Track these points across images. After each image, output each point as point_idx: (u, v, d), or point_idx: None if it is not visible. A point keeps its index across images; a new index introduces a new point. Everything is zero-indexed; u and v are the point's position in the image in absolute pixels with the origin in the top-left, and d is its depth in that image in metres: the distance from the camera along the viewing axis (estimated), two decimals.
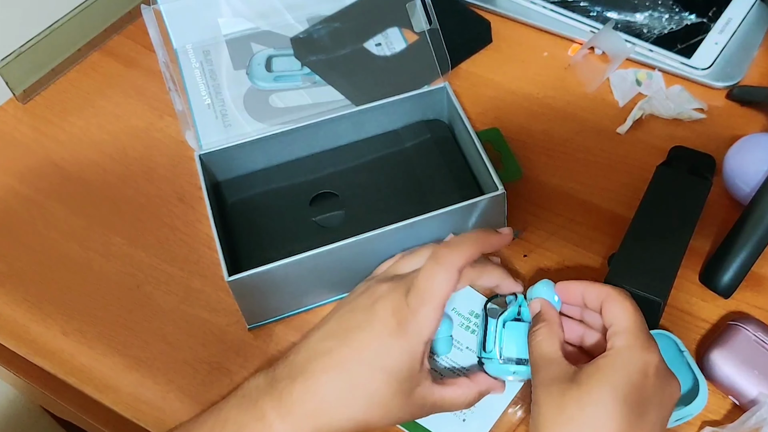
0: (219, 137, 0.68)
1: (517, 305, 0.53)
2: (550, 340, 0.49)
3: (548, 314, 0.51)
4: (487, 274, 0.55)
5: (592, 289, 0.50)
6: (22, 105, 0.77)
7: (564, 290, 0.52)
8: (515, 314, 0.53)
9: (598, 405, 0.43)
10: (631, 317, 0.47)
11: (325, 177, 0.66)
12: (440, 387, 0.50)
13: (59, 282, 0.64)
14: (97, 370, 0.59)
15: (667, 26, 0.76)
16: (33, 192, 0.70)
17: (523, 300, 0.54)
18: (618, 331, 0.47)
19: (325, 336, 0.50)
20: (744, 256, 0.58)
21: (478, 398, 0.52)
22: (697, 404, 0.51)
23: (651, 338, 0.47)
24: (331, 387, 0.48)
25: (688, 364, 0.53)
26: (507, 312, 0.53)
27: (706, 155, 0.64)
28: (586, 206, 0.65)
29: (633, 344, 0.46)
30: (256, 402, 0.49)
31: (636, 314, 0.48)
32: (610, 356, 0.46)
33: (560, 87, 0.74)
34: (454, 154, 0.66)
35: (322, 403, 0.47)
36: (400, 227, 0.57)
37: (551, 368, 0.47)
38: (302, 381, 0.48)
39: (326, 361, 0.48)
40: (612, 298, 0.49)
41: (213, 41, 0.74)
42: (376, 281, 0.52)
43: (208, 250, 0.65)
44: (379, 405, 0.48)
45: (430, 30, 0.70)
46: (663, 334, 0.55)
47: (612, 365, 0.45)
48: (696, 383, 0.52)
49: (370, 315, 0.49)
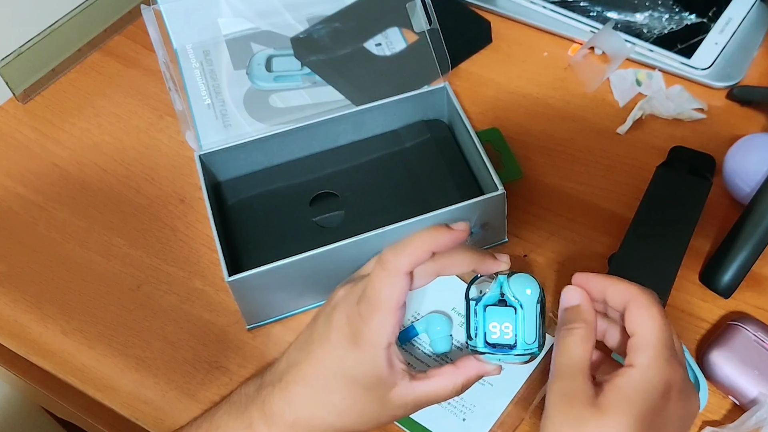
0: (219, 137, 0.68)
1: (498, 286, 0.48)
2: (584, 346, 0.45)
3: (588, 314, 0.46)
4: (456, 262, 0.49)
5: (617, 287, 0.46)
6: (22, 105, 0.77)
7: (585, 283, 0.48)
8: (497, 297, 0.48)
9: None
10: (656, 330, 0.43)
11: (325, 177, 0.66)
12: (421, 382, 0.48)
13: (59, 282, 0.64)
14: (97, 370, 0.59)
15: (667, 26, 0.76)
16: (33, 192, 0.70)
17: (504, 280, 0.49)
18: (641, 346, 0.43)
19: (297, 346, 0.50)
20: (744, 256, 0.58)
21: (467, 384, 0.49)
22: None
23: (675, 352, 0.43)
24: (301, 398, 0.48)
25: (689, 364, 0.53)
26: (487, 296, 0.49)
27: (706, 155, 0.64)
28: (586, 206, 0.65)
29: (656, 363, 0.42)
30: (246, 410, 0.49)
31: (662, 325, 0.44)
32: (632, 378, 0.42)
33: (560, 87, 0.74)
34: (454, 154, 0.66)
35: (298, 414, 0.47)
36: (400, 227, 0.57)
37: (575, 381, 0.43)
38: (279, 391, 0.48)
39: (294, 373, 0.48)
40: (638, 303, 0.44)
41: (213, 41, 0.74)
42: (340, 285, 0.51)
43: (208, 250, 0.65)
44: (351, 412, 0.47)
45: (430, 30, 0.70)
46: None
47: (634, 389, 0.42)
48: (696, 383, 0.52)
49: (328, 325, 0.48)
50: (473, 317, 0.49)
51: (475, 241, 0.62)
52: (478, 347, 0.48)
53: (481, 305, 0.48)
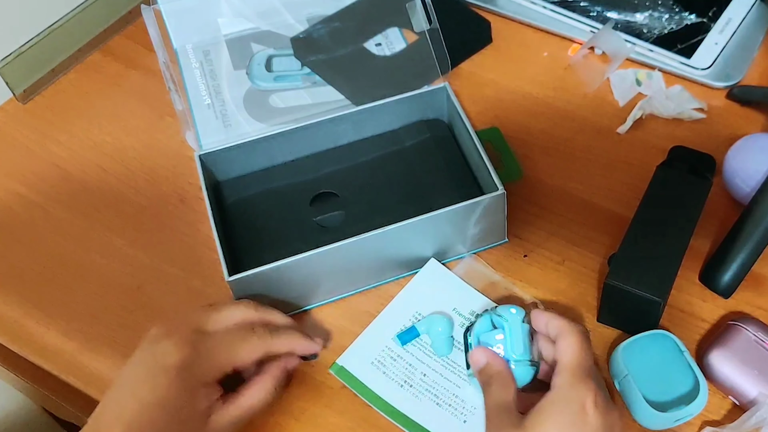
0: (219, 137, 0.68)
1: (488, 317, 0.54)
2: (504, 391, 0.50)
3: (497, 366, 0.51)
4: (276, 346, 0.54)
5: (552, 322, 0.52)
6: (22, 105, 0.77)
7: (535, 319, 0.53)
8: (489, 327, 0.54)
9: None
10: (573, 354, 0.49)
11: (325, 177, 0.66)
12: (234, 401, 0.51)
13: (60, 283, 0.64)
14: (97, 371, 0.59)
15: (667, 26, 0.76)
16: (33, 192, 0.70)
17: (491, 311, 0.54)
18: (559, 370, 0.49)
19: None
20: (744, 256, 0.58)
21: (278, 384, 0.53)
22: (697, 404, 0.52)
23: (589, 372, 0.48)
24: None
25: (689, 364, 0.53)
26: (478, 325, 0.54)
27: (706, 155, 0.64)
28: (586, 206, 0.65)
29: (570, 382, 0.48)
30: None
31: (579, 351, 0.49)
32: (550, 397, 0.48)
33: (560, 87, 0.74)
34: (454, 153, 0.66)
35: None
36: (400, 227, 0.57)
37: (503, 417, 0.48)
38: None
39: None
40: (563, 335, 0.50)
41: (213, 41, 0.74)
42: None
43: (209, 250, 0.65)
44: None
45: (430, 30, 0.70)
46: (663, 334, 0.55)
47: (552, 406, 0.47)
48: (696, 383, 0.52)
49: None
50: (471, 346, 0.54)
51: (475, 240, 0.62)
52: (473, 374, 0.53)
53: (474, 336, 0.54)
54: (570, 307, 0.60)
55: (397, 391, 0.56)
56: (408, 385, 0.56)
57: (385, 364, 0.57)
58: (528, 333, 0.53)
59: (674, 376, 0.53)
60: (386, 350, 0.58)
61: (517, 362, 0.51)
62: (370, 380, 0.56)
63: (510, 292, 0.61)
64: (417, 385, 0.56)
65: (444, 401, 0.55)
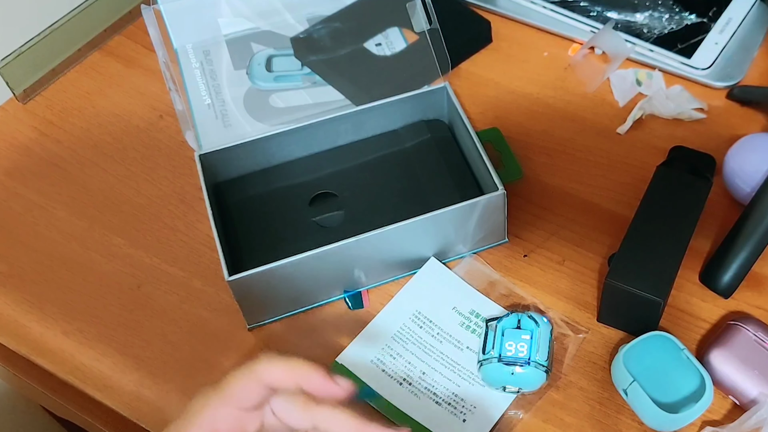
0: (219, 137, 0.68)
1: (515, 317, 0.55)
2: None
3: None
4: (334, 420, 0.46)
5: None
6: (22, 105, 0.77)
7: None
8: (515, 324, 0.55)
9: None
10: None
11: (325, 177, 0.66)
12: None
13: (60, 282, 0.64)
14: (97, 370, 0.59)
15: (667, 26, 0.76)
16: (33, 192, 0.70)
17: (521, 315, 0.56)
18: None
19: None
20: (744, 256, 0.58)
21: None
22: (704, 402, 0.51)
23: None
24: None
25: (690, 362, 0.53)
26: (506, 321, 0.55)
27: (706, 155, 0.64)
28: (586, 206, 0.65)
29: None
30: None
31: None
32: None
33: (560, 87, 0.74)
34: (454, 154, 0.66)
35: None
36: (400, 227, 0.57)
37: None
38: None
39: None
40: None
41: (213, 41, 0.74)
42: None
43: (209, 250, 0.65)
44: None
45: (430, 30, 0.70)
46: (660, 335, 0.55)
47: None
48: (701, 380, 0.52)
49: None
50: (490, 338, 0.55)
51: (475, 240, 0.62)
52: (492, 361, 0.54)
53: (500, 328, 0.55)
54: (570, 307, 0.60)
55: (397, 390, 0.56)
56: (407, 383, 0.56)
57: (385, 363, 0.57)
58: (551, 345, 0.55)
59: (678, 376, 0.53)
60: (386, 349, 0.58)
61: (537, 365, 0.53)
62: (369, 379, 0.56)
63: (510, 291, 0.61)
64: (416, 384, 0.56)
65: (443, 400, 0.55)
